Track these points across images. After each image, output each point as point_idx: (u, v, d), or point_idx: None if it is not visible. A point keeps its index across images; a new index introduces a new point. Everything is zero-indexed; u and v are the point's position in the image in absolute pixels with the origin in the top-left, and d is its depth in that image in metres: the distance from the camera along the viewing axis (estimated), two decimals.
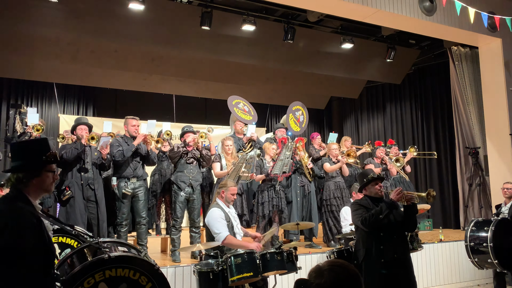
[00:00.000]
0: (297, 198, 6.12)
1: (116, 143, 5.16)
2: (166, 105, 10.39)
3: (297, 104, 7.31)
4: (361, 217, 3.65)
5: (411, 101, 10.43)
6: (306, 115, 7.32)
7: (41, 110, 9.58)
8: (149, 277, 2.58)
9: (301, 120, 7.22)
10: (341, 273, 1.60)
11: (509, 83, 7.06)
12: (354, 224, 3.93)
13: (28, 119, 4.97)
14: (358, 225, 3.77)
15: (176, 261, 5.06)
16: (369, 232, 3.67)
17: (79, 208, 4.84)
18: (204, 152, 5.46)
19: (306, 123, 7.33)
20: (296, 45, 8.33)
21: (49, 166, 2.11)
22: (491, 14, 6.65)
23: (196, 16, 7.29)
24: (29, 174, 2.04)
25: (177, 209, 5.27)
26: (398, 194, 3.66)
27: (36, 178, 2.05)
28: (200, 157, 5.45)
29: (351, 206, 3.90)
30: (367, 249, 3.67)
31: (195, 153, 5.43)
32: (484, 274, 6.32)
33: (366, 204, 3.77)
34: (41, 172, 2.07)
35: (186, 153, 5.40)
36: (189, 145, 5.41)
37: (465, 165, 8.24)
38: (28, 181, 2.03)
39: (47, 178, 2.10)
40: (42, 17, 6.79)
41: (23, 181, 2.02)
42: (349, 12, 6.28)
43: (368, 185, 3.83)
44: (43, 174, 2.08)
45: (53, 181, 2.14)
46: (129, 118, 5.29)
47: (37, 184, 2.06)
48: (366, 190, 3.86)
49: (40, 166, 2.07)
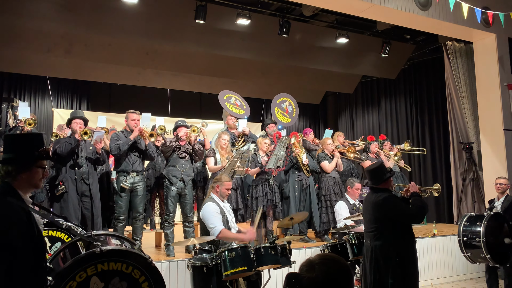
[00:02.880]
0: (295, 193, 6.12)
1: (115, 137, 5.14)
2: (161, 99, 10.34)
3: (282, 96, 7.25)
4: (411, 210, 3.58)
5: (405, 96, 10.46)
6: (295, 104, 7.27)
7: (35, 104, 9.51)
8: (142, 271, 2.56)
9: (289, 110, 7.19)
10: (332, 266, 1.60)
11: (503, 78, 7.08)
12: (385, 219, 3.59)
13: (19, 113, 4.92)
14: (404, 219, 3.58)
15: (170, 256, 5.06)
16: (405, 226, 3.62)
17: (72, 203, 4.81)
18: (196, 146, 5.44)
19: (297, 112, 7.28)
20: (291, 39, 8.30)
21: (40, 162, 2.08)
22: (485, 10, 6.66)
23: (191, 10, 7.24)
24: (19, 167, 2.00)
25: (169, 204, 5.27)
26: (414, 187, 3.79)
27: (26, 172, 2.02)
28: (192, 151, 5.44)
29: (385, 201, 3.58)
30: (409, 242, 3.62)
31: (187, 148, 5.41)
32: (477, 268, 6.38)
33: (399, 198, 3.79)
34: (31, 167, 2.04)
35: (178, 147, 5.37)
36: (181, 140, 5.39)
37: (459, 160, 8.28)
38: (17, 175, 2.00)
39: (36, 174, 2.06)
40: (35, 10, 6.72)
41: (12, 174, 1.99)
42: (344, 7, 6.27)
43: (389, 179, 3.74)
44: (33, 169, 2.05)
45: (43, 177, 2.11)
46: (130, 112, 5.26)
47: (26, 178, 2.03)
48: (387, 184, 3.72)
49: (31, 160, 2.04)
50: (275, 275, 4.75)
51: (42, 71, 8.91)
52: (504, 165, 6.87)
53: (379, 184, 3.68)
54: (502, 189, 5.32)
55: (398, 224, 3.58)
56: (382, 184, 3.68)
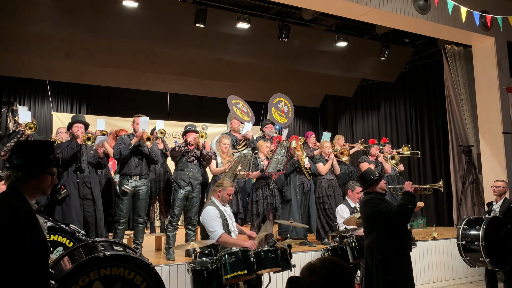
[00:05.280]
0: (297, 196, 6.13)
1: (119, 140, 5.18)
2: (161, 103, 10.35)
3: (278, 96, 7.31)
4: (391, 209, 3.66)
5: (405, 100, 10.48)
6: (290, 104, 7.32)
7: (34, 108, 9.51)
8: (144, 277, 2.58)
9: (285, 110, 7.23)
10: (333, 270, 1.61)
11: (502, 81, 7.11)
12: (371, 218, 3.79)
13: (20, 117, 4.93)
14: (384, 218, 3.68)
15: (170, 259, 5.06)
16: (392, 225, 3.69)
17: (74, 206, 4.80)
18: (204, 151, 5.51)
19: (292, 112, 7.32)
20: (290, 43, 8.32)
21: (50, 169, 2.12)
22: (483, 13, 6.69)
23: (191, 14, 7.27)
24: (29, 174, 2.04)
25: (175, 206, 5.29)
26: (412, 187, 3.87)
27: (35, 178, 2.06)
28: (200, 156, 5.48)
29: (368, 202, 3.81)
30: (393, 241, 3.66)
31: (196, 152, 5.46)
32: (477, 271, 6.38)
33: (382, 198, 3.85)
34: (41, 173, 2.08)
35: (187, 152, 5.42)
36: (190, 144, 5.44)
37: (458, 163, 8.30)
38: (26, 181, 2.04)
39: (45, 181, 2.10)
40: (35, 14, 6.73)
41: (21, 179, 2.03)
42: (343, 10, 6.29)
43: (377, 182, 3.90)
44: (42, 176, 2.08)
45: (51, 184, 2.14)
46: (137, 116, 5.28)
47: (35, 184, 2.06)
48: (374, 187, 3.90)
49: (41, 167, 2.08)
50: (275, 279, 4.75)
51: (42, 75, 8.92)
52: (504, 168, 6.89)
53: (367, 187, 3.94)
54: (498, 192, 5.33)
55: (384, 224, 3.71)
56: (370, 187, 3.91)
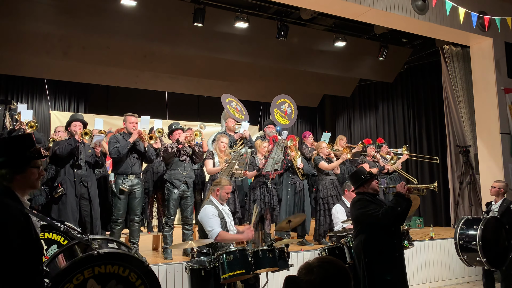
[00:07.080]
0: (287, 196, 6.12)
1: (113, 140, 5.12)
2: (159, 102, 10.33)
3: (282, 97, 7.26)
4: (378, 211, 3.56)
5: (403, 100, 10.50)
6: (294, 106, 7.29)
7: (32, 106, 9.47)
8: (139, 274, 2.56)
9: (288, 112, 7.20)
10: (330, 269, 1.61)
11: (500, 82, 7.13)
12: (359, 220, 3.74)
13: (22, 115, 4.91)
14: (371, 221, 3.61)
15: (168, 259, 5.05)
16: (381, 227, 3.60)
17: (71, 205, 4.78)
18: (196, 148, 5.46)
19: (295, 114, 7.29)
20: (289, 42, 8.33)
21: (34, 162, 2.07)
22: (481, 14, 6.70)
23: (189, 13, 7.26)
24: (13, 170, 2.00)
25: (171, 207, 5.27)
26: (405, 187, 3.70)
27: (20, 174, 2.02)
28: (192, 153, 5.45)
29: (356, 203, 3.76)
30: (381, 244, 3.59)
31: (186, 150, 5.42)
32: (474, 271, 6.39)
33: (372, 199, 3.75)
34: (25, 168, 2.04)
35: (178, 150, 5.39)
36: (180, 143, 5.40)
37: (456, 163, 8.31)
38: (12, 178, 1.99)
39: (31, 174, 2.06)
40: (33, 12, 6.72)
41: (6, 177, 1.98)
42: (342, 10, 6.29)
43: (368, 182, 3.81)
44: (27, 170, 2.04)
45: (39, 177, 2.10)
46: (128, 115, 5.25)
47: (22, 180, 2.02)
48: (365, 187, 3.81)
49: (24, 162, 2.04)
50: (273, 278, 4.74)
51: (40, 73, 8.91)
52: (501, 168, 6.90)
53: (358, 187, 3.88)
54: (494, 193, 5.34)
55: (372, 227, 3.62)
56: (361, 188, 3.85)
